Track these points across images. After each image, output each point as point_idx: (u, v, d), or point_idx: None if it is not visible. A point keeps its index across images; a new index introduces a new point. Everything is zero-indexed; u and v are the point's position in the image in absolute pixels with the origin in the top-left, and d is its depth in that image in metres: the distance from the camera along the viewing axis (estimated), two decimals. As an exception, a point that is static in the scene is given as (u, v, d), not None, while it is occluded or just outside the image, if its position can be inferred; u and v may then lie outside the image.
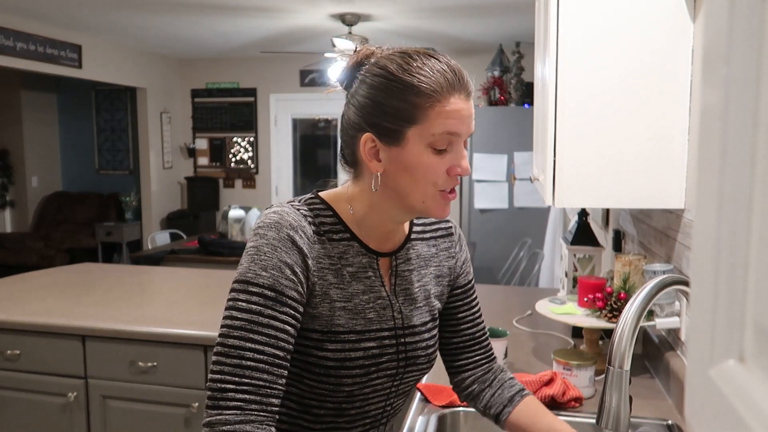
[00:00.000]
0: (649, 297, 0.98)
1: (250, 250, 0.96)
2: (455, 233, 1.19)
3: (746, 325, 0.30)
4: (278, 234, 0.95)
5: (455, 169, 0.95)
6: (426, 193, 0.96)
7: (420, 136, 0.93)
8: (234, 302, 0.93)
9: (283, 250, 0.94)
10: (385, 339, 1.04)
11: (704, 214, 0.34)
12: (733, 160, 0.30)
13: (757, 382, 0.28)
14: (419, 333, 1.09)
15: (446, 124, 0.92)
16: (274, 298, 0.93)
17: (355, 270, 1.02)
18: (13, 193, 7.14)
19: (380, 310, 1.04)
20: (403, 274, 1.09)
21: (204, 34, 5.77)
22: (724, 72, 0.31)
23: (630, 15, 1.42)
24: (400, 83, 0.92)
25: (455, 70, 0.94)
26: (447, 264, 1.16)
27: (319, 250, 0.99)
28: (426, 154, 0.94)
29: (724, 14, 0.31)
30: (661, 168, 1.44)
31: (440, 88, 0.92)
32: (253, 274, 0.93)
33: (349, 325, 1.01)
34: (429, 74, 0.92)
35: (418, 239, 1.13)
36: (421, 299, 1.11)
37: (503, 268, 4.95)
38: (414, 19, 5.02)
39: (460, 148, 0.95)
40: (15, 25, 4.99)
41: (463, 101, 0.94)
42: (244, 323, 0.91)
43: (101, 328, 2.15)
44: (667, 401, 1.50)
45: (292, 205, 1.01)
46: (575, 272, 1.95)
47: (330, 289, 0.99)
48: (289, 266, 0.94)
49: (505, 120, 5.06)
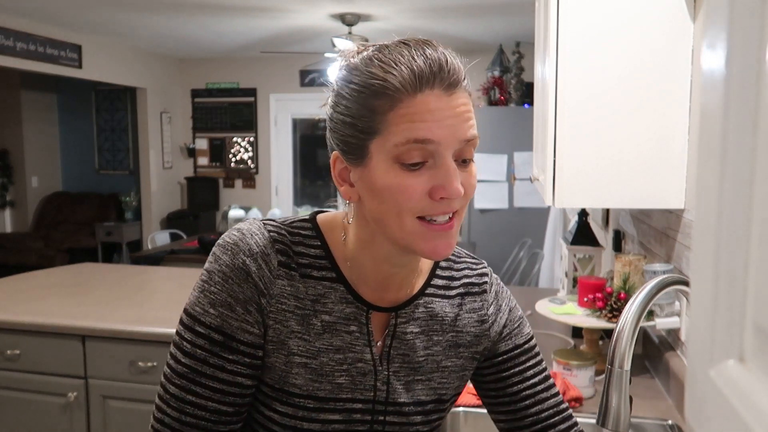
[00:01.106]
0: (649, 297, 0.98)
1: (203, 275, 0.79)
2: (490, 290, 0.92)
3: (746, 325, 0.30)
4: (233, 260, 0.77)
5: (438, 191, 0.71)
6: (402, 223, 0.73)
7: (383, 148, 0.71)
8: (179, 340, 0.78)
9: (236, 282, 0.76)
10: (356, 413, 0.82)
11: (704, 214, 0.34)
12: (733, 160, 0.30)
13: (757, 382, 0.28)
14: (407, 414, 0.85)
15: (411, 129, 0.69)
16: (222, 344, 0.76)
17: (333, 320, 0.80)
18: (13, 193, 7.14)
19: (357, 376, 0.82)
20: (404, 336, 0.85)
21: (204, 34, 5.77)
22: (724, 72, 0.31)
23: (630, 15, 1.42)
24: (358, 85, 0.72)
25: (431, 59, 0.71)
26: (472, 331, 0.89)
27: (282, 287, 0.78)
28: (393, 172, 0.71)
29: (724, 14, 0.31)
30: (661, 168, 1.44)
31: (402, 84, 0.70)
32: (200, 310, 0.77)
33: (308, 389, 0.80)
34: (390, 69, 0.70)
35: (438, 295, 0.88)
36: (425, 372, 0.87)
37: (503, 268, 4.95)
38: (414, 19, 5.02)
39: (444, 161, 0.71)
40: (15, 25, 4.99)
41: (440, 98, 0.70)
42: (186, 370, 0.77)
43: (101, 328, 2.15)
44: (667, 401, 1.50)
45: (265, 224, 0.81)
46: (575, 272, 1.95)
47: (290, 339, 0.79)
48: (242, 303, 0.77)
49: (505, 120, 5.06)
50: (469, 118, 0.73)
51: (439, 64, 0.71)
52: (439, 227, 0.73)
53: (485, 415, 1.43)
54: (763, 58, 0.28)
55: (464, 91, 0.73)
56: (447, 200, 0.72)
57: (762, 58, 0.28)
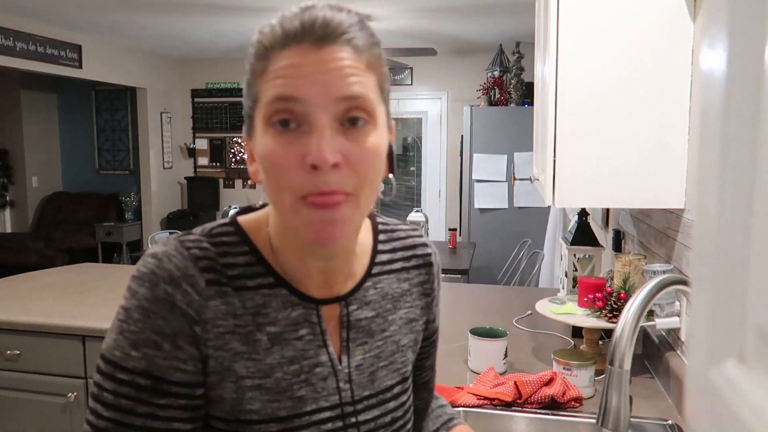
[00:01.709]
0: (649, 297, 0.98)
1: (119, 313, 0.69)
2: (434, 262, 0.89)
3: (746, 325, 0.30)
4: (152, 292, 0.67)
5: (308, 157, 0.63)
6: (284, 203, 0.66)
7: (260, 113, 0.66)
8: (98, 392, 0.67)
9: (159, 316, 0.66)
10: (326, 423, 0.74)
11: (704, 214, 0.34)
12: (733, 160, 0.30)
13: (757, 382, 0.28)
14: (378, 405, 0.79)
15: (275, 86, 0.64)
16: (150, 388, 0.66)
17: (280, 330, 0.72)
18: (13, 193, 7.14)
19: (317, 382, 0.74)
20: (360, 324, 0.79)
21: (204, 34, 5.77)
22: (724, 72, 0.31)
23: (630, 15, 1.42)
24: (248, 53, 0.69)
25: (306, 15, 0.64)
26: (420, 303, 0.87)
27: (217, 308, 0.69)
28: (268, 138, 0.65)
29: (724, 14, 0.31)
30: (661, 168, 1.44)
31: (272, 43, 0.65)
32: (120, 354, 0.66)
33: (266, 411, 0.71)
34: (264, 29, 0.67)
35: (384, 272, 0.83)
36: (387, 357, 0.81)
37: (503, 268, 4.95)
38: (414, 19, 5.02)
39: (316, 123, 0.63)
40: (15, 25, 4.99)
41: (308, 52, 0.63)
42: (110, 425, 0.66)
43: (101, 328, 2.15)
44: (667, 401, 1.50)
45: (183, 241, 0.70)
46: (575, 272, 1.95)
47: (235, 363, 0.70)
48: (170, 339, 0.67)
49: (505, 120, 5.06)
50: (347, 75, 0.64)
51: (313, 19, 0.64)
52: (319, 205, 0.64)
53: (486, 415, 1.43)
54: (763, 58, 0.28)
55: (347, 45, 0.64)
56: (321, 175, 0.63)
57: (762, 58, 0.28)
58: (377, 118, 0.68)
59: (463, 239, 5.24)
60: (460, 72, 6.60)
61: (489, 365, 1.62)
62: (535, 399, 1.44)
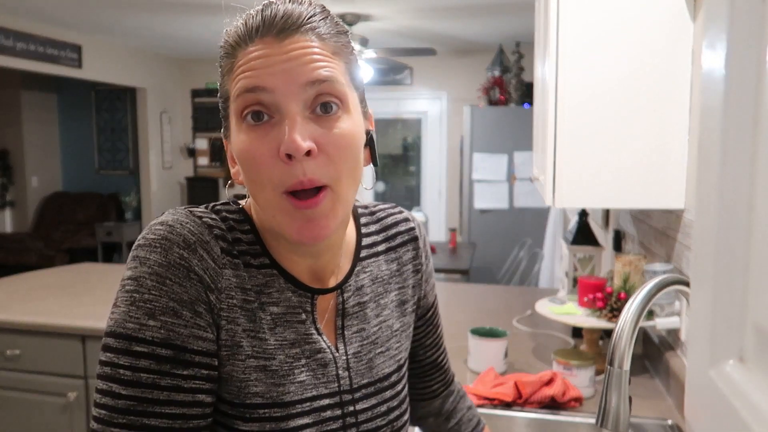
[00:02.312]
0: (648, 297, 0.98)
1: (127, 284, 0.64)
2: (420, 234, 0.87)
3: (746, 325, 0.30)
4: (166, 257, 0.63)
5: (281, 147, 0.62)
6: (267, 200, 0.65)
7: (232, 110, 0.67)
8: (113, 370, 0.62)
9: (176, 282, 0.63)
10: (326, 410, 0.73)
11: (704, 214, 0.34)
12: (733, 160, 0.30)
13: (757, 382, 0.28)
14: (376, 394, 0.78)
15: (241, 80, 0.64)
16: (172, 359, 0.62)
17: (282, 311, 0.71)
18: (13, 193, 7.14)
19: (318, 368, 0.73)
20: (354, 311, 0.78)
21: (204, 34, 5.77)
22: (724, 72, 0.31)
23: (630, 15, 1.42)
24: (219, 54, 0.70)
25: (267, 10, 0.66)
26: (411, 282, 0.85)
27: (229, 279, 0.67)
28: (243, 134, 0.65)
29: (724, 14, 0.31)
30: (661, 168, 1.44)
31: (236, 41, 0.67)
32: (135, 325, 0.62)
33: (271, 395, 0.69)
34: (230, 28, 0.69)
35: (371, 255, 0.81)
36: (383, 342, 0.80)
37: (503, 268, 4.95)
38: (414, 19, 5.02)
39: (287, 111, 0.63)
40: (15, 25, 4.99)
41: (270, 45, 0.64)
42: (132, 403, 0.61)
43: (101, 328, 2.15)
44: (667, 401, 1.50)
45: (192, 211, 0.68)
46: (575, 272, 1.95)
47: (243, 340, 0.68)
48: (189, 305, 0.63)
49: (505, 120, 5.07)
50: (311, 61, 0.64)
51: (274, 13, 0.65)
52: (301, 202, 0.64)
53: (486, 415, 1.43)
54: (763, 58, 0.28)
55: (309, 35, 0.65)
56: (297, 162, 0.62)
57: (762, 58, 0.28)
58: (349, 103, 0.67)
59: (463, 239, 5.24)
60: (459, 72, 6.60)
61: (489, 365, 1.62)
62: (535, 399, 1.44)
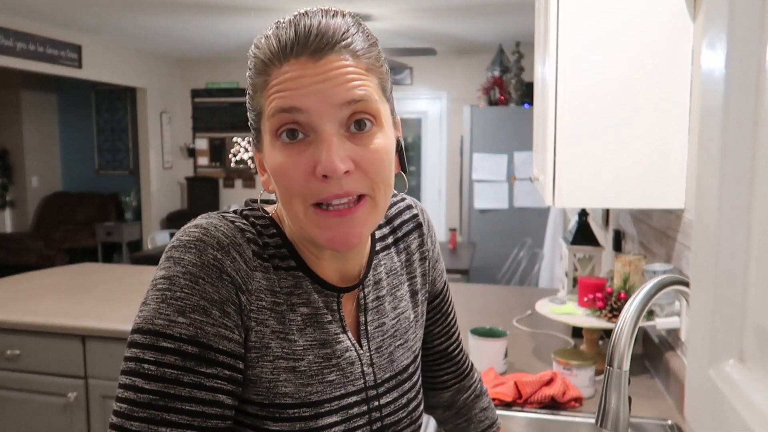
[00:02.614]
0: (647, 297, 0.98)
1: (159, 283, 0.65)
2: (424, 220, 0.89)
3: (746, 325, 0.30)
4: (200, 258, 0.65)
5: (318, 167, 0.64)
6: (297, 211, 0.67)
7: (266, 127, 0.68)
8: (137, 365, 0.63)
9: (208, 282, 0.65)
10: (353, 407, 0.75)
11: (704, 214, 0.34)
12: (733, 160, 0.30)
13: (757, 382, 0.28)
14: (398, 385, 0.81)
15: (277, 99, 0.65)
16: (197, 356, 0.64)
17: (312, 312, 0.73)
18: (13, 193, 7.14)
19: (346, 367, 0.75)
20: (374, 305, 0.80)
21: (204, 34, 5.77)
22: (724, 72, 0.31)
23: (630, 15, 1.42)
24: (248, 67, 0.70)
25: (301, 27, 0.65)
26: (420, 270, 0.87)
27: (260, 281, 0.69)
28: (276, 150, 0.66)
29: (724, 14, 0.31)
30: (661, 168, 1.44)
31: (270, 59, 0.66)
32: (164, 322, 0.64)
33: (300, 395, 0.70)
34: (261, 44, 0.67)
35: (384, 248, 0.83)
36: (401, 335, 0.83)
37: (503, 268, 4.95)
38: (414, 19, 5.02)
39: (322, 132, 0.64)
40: (15, 25, 4.99)
41: (305, 65, 0.64)
42: (153, 398, 0.62)
43: (101, 328, 2.15)
44: (667, 401, 1.50)
45: (224, 215, 0.71)
46: (575, 272, 1.95)
47: (272, 342, 0.69)
48: (218, 305, 0.65)
49: (505, 120, 5.07)
50: (346, 81, 0.65)
51: (308, 31, 0.65)
52: (333, 213, 0.66)
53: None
54: (763, 58, 0.28)
55: (343, 53, 0.65)
56: (334, 180, 0.64)
57: (762, 58, 0.28)
58: (382, 118, 0.68)
59: (463, 239, 5.24)
60: (459, 72, 6.60)
61: (489, 365, 1.62)
62: (535, 399, 1.44)
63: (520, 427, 1.43)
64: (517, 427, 1.43)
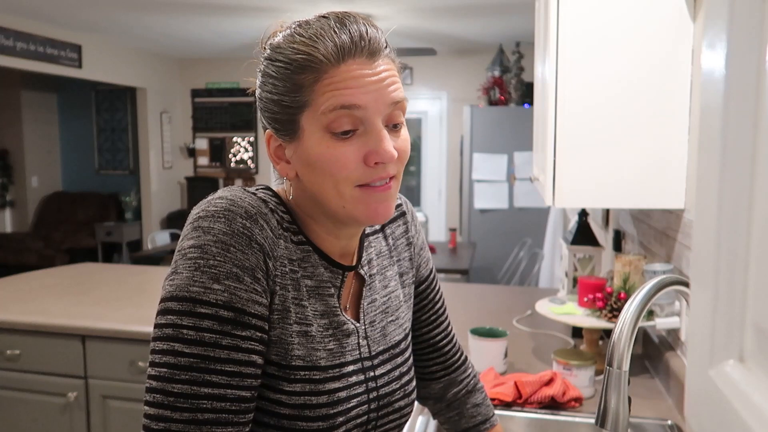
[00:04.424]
0: (647, 297, 0.98)
1: (189, 252, 0.70)
2: (407, 210, 0.96)
3: (746, 325, 0.30)
4: (230, 226, 0.70)
5: (372, 156, 0.72)
6: (342, 193, 0.74)
7: (313, 119, 0.73)
8: (175, 330, 0.68)
9: (239, 249, 0.70)
10: (351, 376, 0.80)
11: (704, 214, 0.34)
12: (733, 161, 0.30)
13: (757, 382, 0.28)
14: (392, 359, 0.87)
15: (337, 96, 0.71)
16: (233, 320, 0.69)
17: (315, 285, 0.79)
18: (13, 193, 7.14)
19: (342, 338, 0.81)
20: (370, 284, 0.87)
21: (204, 34, 5.77)
22: (724, 72, 0.31)
23: (630, 15, 1.42)
24: (283, 62, 0.74)
25: (352, 29, 0.72)
26: (406, 255, 0.94)
27: (283, 249, 0.75)
28: (326, 142, 0.72)
29: (724, 14, 0.31)
30: (661, 168, 1.44)
31: (325, 56, 0.71)
32: (199, 289, 0.68)
33: (310, 359, 0.76)
34: (313, 43, 0.72)
35: (372, 233, 0.91)
36: (393, 311, 0.89)
37: (503, 268, 4.95)
38: (414, 19, 5.02)
39: (375, 126, 0.72)
40: (15, 25, 4.99)
41: (363, 65, 0.72)
42: (194, 361, 0.67)
43: (101, 328, 2.15)
44: (667, 401, 1.50)
45: (246, 189, 0.77)
46: (575, 272, 1.95)
47: (291, 306, 0.75)
48: (249, 271, 0.70)
49: (505, 120, 5.06)
50: (393, 83, 0.74)
51: (360, 34, 0.72)
52: (378, 189, 0.75)
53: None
54: (763, 58, 0.28)
55: (386, 57, 0.75)
56: (382, 165, 0.74)
57: (762, 58, 0.28)
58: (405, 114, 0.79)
59: (463, 239, 5.24)
60: (460, 72, 6.60)
61: (489, 365, 1.62)
62: (535, 399, 1.45)
63: (520, 427, 1.43)
64: (517, 427, 1.43)
